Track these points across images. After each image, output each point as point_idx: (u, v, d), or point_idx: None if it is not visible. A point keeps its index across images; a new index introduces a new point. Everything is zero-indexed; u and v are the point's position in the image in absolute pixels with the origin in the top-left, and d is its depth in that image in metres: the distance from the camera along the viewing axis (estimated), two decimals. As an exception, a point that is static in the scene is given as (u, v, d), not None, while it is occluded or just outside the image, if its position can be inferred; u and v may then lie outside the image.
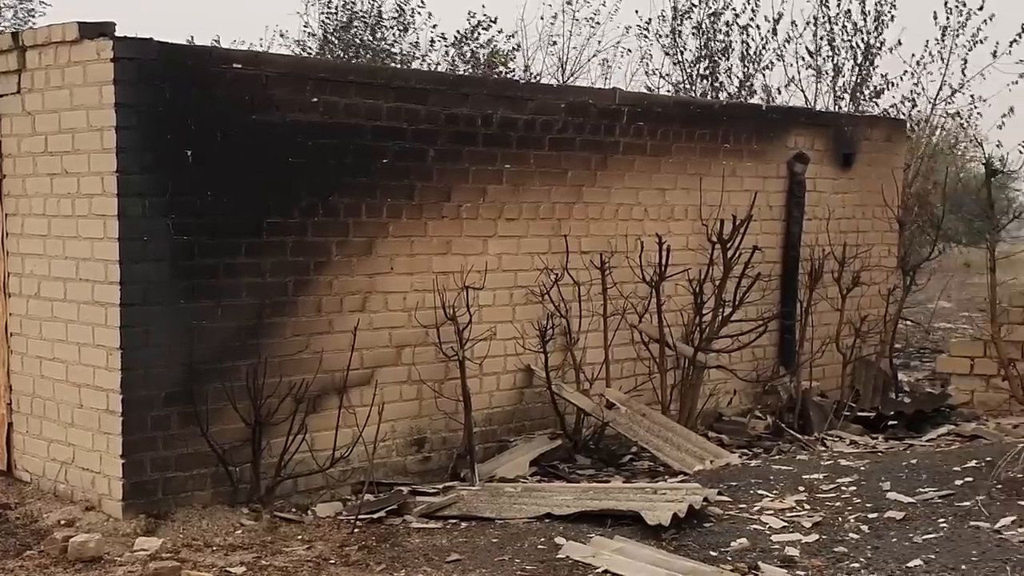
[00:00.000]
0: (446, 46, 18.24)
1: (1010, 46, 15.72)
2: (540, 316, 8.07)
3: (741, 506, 6.59)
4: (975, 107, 16.23)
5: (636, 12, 17.47)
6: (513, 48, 18.20)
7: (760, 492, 6.85)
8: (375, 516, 6.47)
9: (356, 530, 6.24)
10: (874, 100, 16.56)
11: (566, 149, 8.37)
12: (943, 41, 16.01)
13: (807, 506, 6.54)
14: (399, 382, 7.44)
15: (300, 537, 6.18)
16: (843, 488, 6.81)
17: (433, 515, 6.54)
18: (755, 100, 16.58)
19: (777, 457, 8.11)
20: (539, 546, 5.85)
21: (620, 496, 6.64)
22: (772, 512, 6.44)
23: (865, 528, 6.07)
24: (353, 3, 18.63)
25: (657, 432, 7.89)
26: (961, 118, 16.17)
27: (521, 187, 8.09)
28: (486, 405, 7.90)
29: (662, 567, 5.42)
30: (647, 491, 6.71)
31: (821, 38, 16.49)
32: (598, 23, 17.92)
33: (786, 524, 6.21)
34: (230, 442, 6.58)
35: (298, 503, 6.79)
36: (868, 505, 6.43)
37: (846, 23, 16.42)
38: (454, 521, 6.45)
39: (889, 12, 16.30)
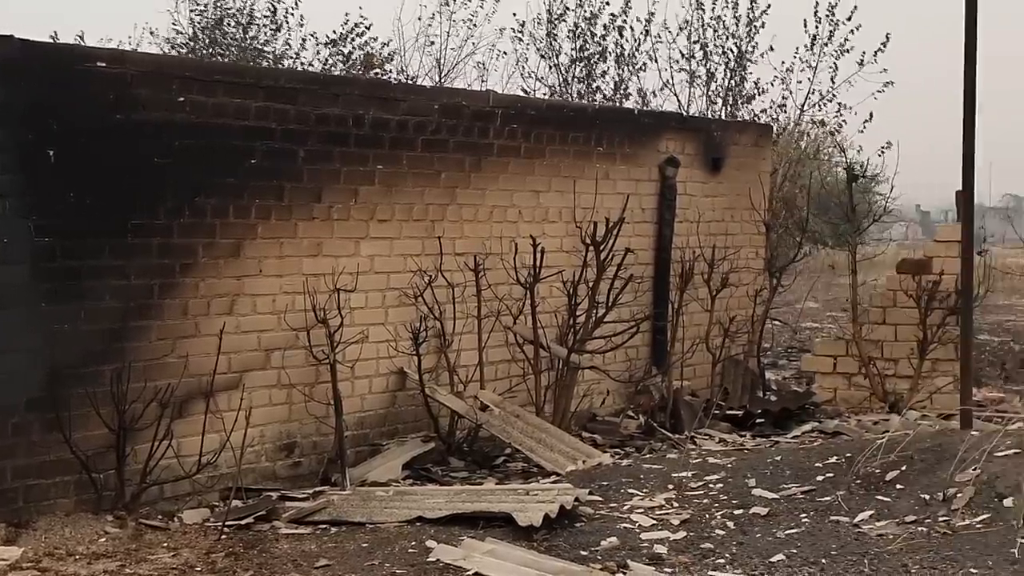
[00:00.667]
0: (318, 46, 18.07)
1: (875, 55, 16.27)
2: (413, 318, 8.04)
3: (612, 505, 6.65)
4: (841, 114, 16.74)
5: (514, 15, 17.47)
6: (389, 51, 18.10)
7: (631, 491, 6.93)
8: (243, 522, 6.35)
9: (223, 537, 6.13)
10: (746, 105, 16.97)
11: (439, 150, 8.37)
12: (812, 49, 16.48)
13: (676, 504, 6.64)
14: (268, 386, 7.32)
15: (166, 544, 6.04)
16: (711, 485, 6.93)
17: (302, 520, 6.46)
18: (630, 104, 16.84)
19: (648, 456, 8.22)
20: (410, 550, 5.82)
21: (492, 498, 6.65)
22: (642, 511, 6.52)
23: (731, 524, 6.18)
24: (224, 1, 18.34)
25: (530, 433, 7.93)
26: (826, 125, 16.65)
27: (394, 188, 8.05)
28: (358, 408, 7.83)
29: (532, 567, 5.44)
30: (519, 492, 6.74)
31: (695, 42, 16.82)
32: (475, 25, 17.97)
33: (655, 522, 6.30)
34: (94, 448, 6.39)
35: (164, 510, 6.63)
36: (734, 502, 6.56)
37: (719, 29, 16.80)
38: (324, 526, 6.37)
39: (760, 19, 16.72)
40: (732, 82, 16.95)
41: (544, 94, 17.04)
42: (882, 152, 16.00)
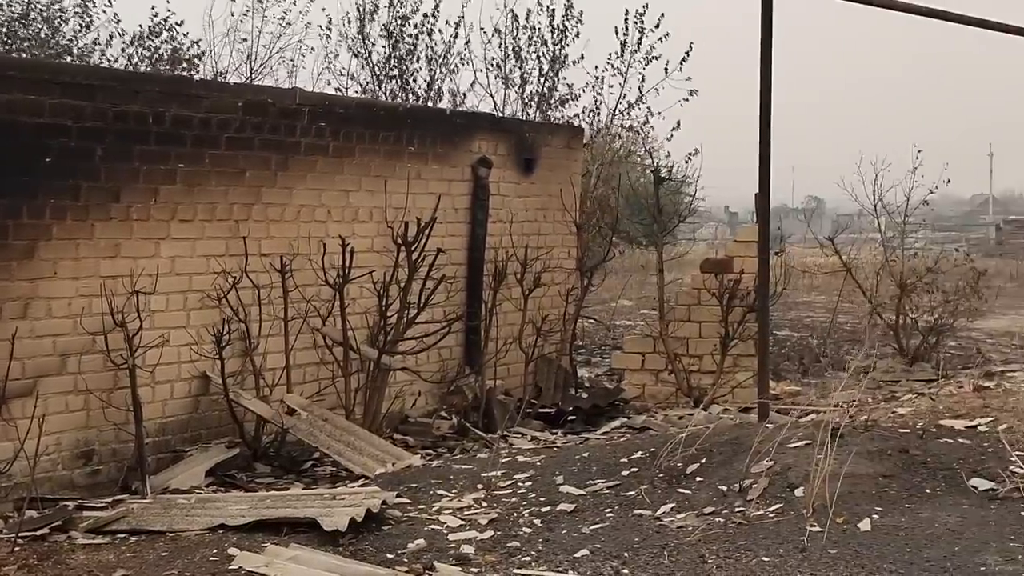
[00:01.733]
0: (124, 43, 17.47)
1: (680, 64, 16.67)
2: (217, 321, 7.84)
3: (420, 507, 6.63)
4: (648, 120, 17.11)
5: (324, 11, 17.27)
6: (199, 48, 17.64)
7: (440, 492, 6.92)
8: (38, 533, 6.09)
9: (17, 548, 5.85)
10: (559, 109, 17.19)
11: (244, 149, 8.20)
12: (623, 56, 16.80)
13: (484, 503, 6.66)
14: (64, 392, 7.04)
15: (-46, 559, 5.74)
16: (519, 484, 6.98)
17: (100, 530, 6.22)
18: (444, 104, 16.85)
19: (459, 456, 8.23)
20: (211, 558, 5.66)
21: (297, 504, 6.54)
22: (450, 511, 6.52)
23: (538, 522, 6.23)
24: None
25: (339, 437, 7.83)
26: (634, 130, 17.00)
27: (196, 187, 7.85)
28: (159, 414, 7.61)
29: (336, 572, 5.37)
30: (326, 497, 6.64)
31: (509, 46, 16.94)
32: (289, 23, 17.68)
33: (463, 523, 6.29)
34: None
35: (-47, 523, 6.31)
36: (542, 499, 6.62)
37: (533, 35, 16.97)
38: (123, 536, 6.15)
39: (575, 27, 16.97)
40: (546, 87, 17.15)
41: (356, 92, 16.90)
42: (690, 157, 16.48)
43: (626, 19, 16.70)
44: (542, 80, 17.12)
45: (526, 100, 17.14)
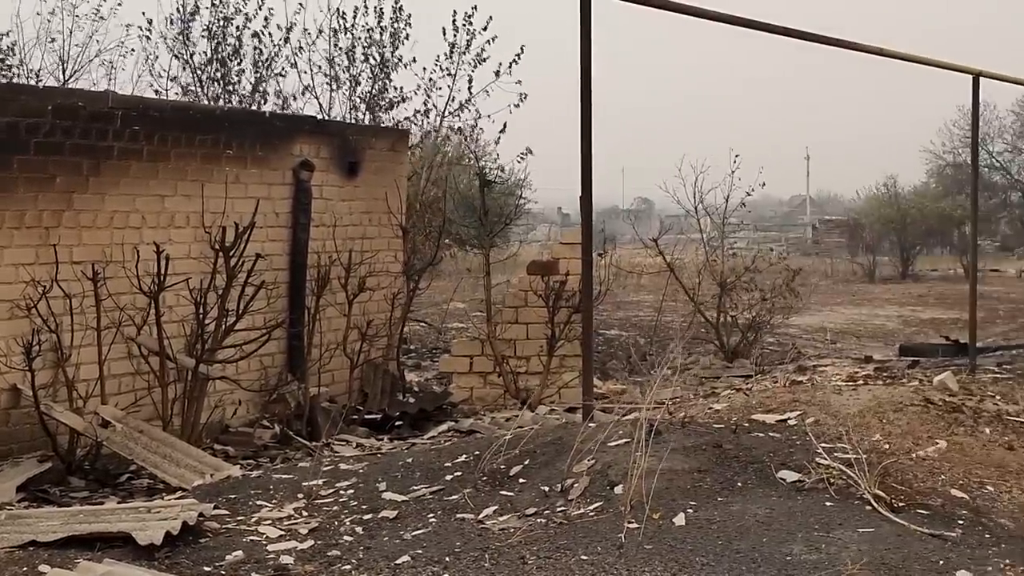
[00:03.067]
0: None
1: (510, 67, 16.75)
2: (27, 331, 7.53)
3: (240, 518, 6.47)
4: (476, 123, 17.12)
5: (143, 14, 16.71)
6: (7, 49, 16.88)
7: (260, 503, 6.78)
8: None
9: None
10: (388, 112, 17.07)
11: (54, 153, 7.91)
12: (451, 58, 16.80)
13: (305, 513, 6.55)
14: None
15: None
16: (341, 492, 6.89)
17: (-102, 554, 5.88)
18: (269, 106, 16.55)
19: (280, 466, 8.08)
20: (18, 577, 5.43)
21: (112, 518, 6.32)
22: (270, 522, 6.39)
23: (359, 529, 6.16)
24: None
25: (156, 449, 7.61)
26: (463, 133, 17.01)
27: (4, 194, 7.54)
28: (-36, 430, 7.27)
29: (150, 587, 5.21)
30: (141, 511, 6.43)
31: (337, 46, 16.77)
32: (102, 17, 17.03)
33: (283, 533, 6.18)
34: None
35: None
36: (364, 507, 6.55)
37: (362, 37, 16.83)
38: (-81, 560, 5.84)
39: (404, 29, 16.88)
40: (375, 89, 17.03)
41: (178, 95, 16.45)
42: (522, 157, 16.56)
43: (454, 20, 16.72)
44: (372, 83, 17.00)
45: (355, 103, 16.99)
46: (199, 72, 16.56)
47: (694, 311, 14.82)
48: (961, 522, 5.41)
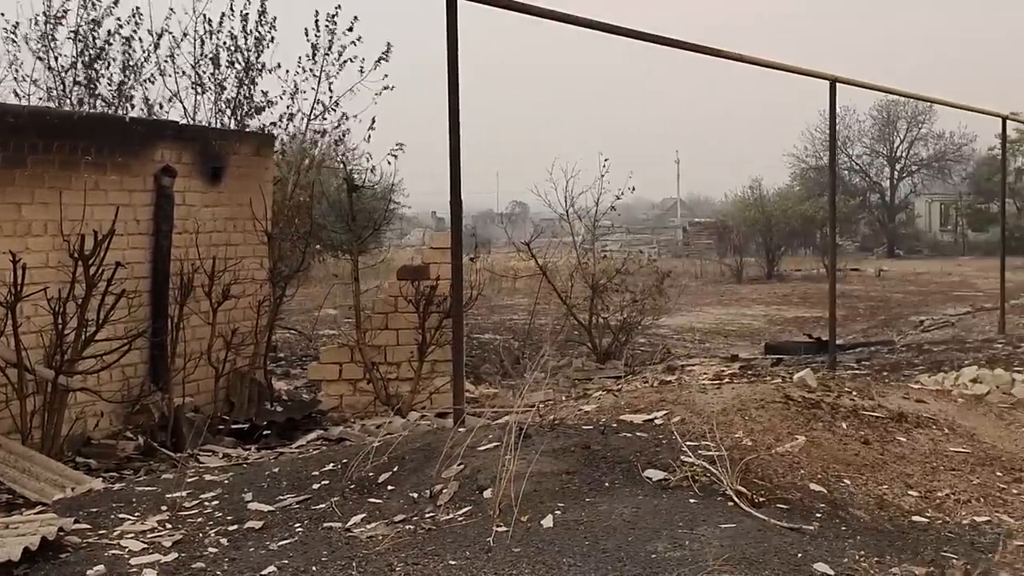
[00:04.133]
0: None
1: (376, 64, 16.59)
2: None
3: (101, 532, 6.29)
4: (340, 124, 16.96)
5: (2, 15, 16.15)
6: None
7: (122, 516, 6.60)
8: None
9: None
10: (255, 116, 16.80)
11: (-100, 160, 7.58)
12: (315, 59, 16.62)
13: (169, 525, 6.39)
14: None
15: None
16: (206, 503, 6.75)
17: None
18: (135, 112, 16.14)
19: (144, 478, 7.89)
20: None
21: (-36, 537, 6.08)
22: (133, 535, 6.22)
23: (224, 541, 6.04)
24: None
25: (13, 463, 7.35)
26: (328, 135, 16.86)
27: None
28: None
29: (4, 607, 5.03)
30: (-3, 528, 6.21)
31: (203, 52, 16.45)
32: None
33: (146, 546, 6.02)
34: None
35: None
36: (229, 518, 6.43)
37: (228, 41, 16.54)
38: None
39: (269, 34, 16.64)
40: (241, 94, 16.75)
41: (41, 99, 15.94)
42: (393, 155, 16.42)
43: (316, 21, 16.55)
44: (238, 88, 16.72)
45: (221, 108, 16.69)
46: (63, 75, 16.07)
47: (566, 314, 14.94)
48: (819, 515, 5.55)
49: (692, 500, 5.67)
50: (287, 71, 16.62)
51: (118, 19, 16.27)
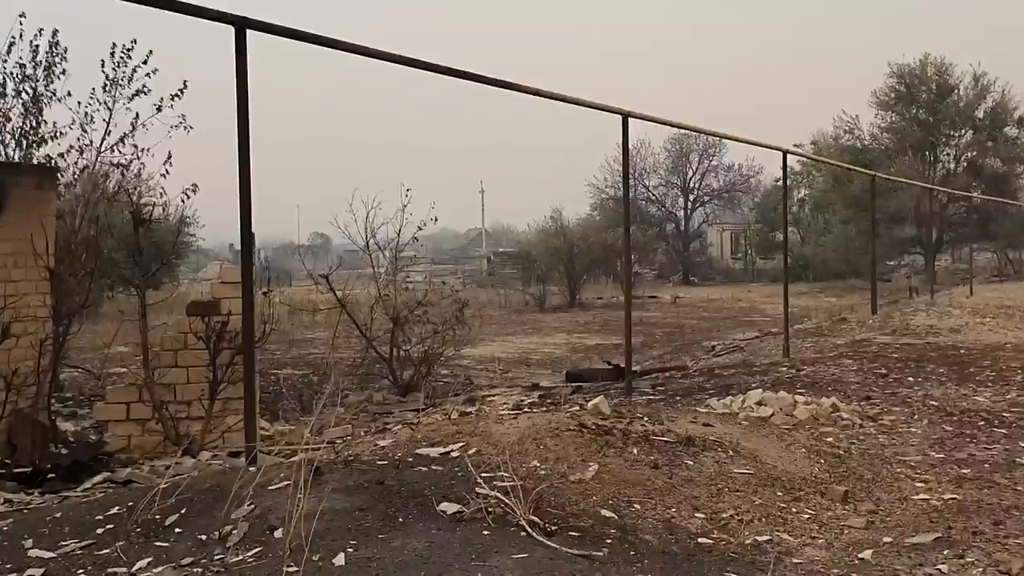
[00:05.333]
0: None
1: (172, 100, 16.16)
2: None
3: None
4: (140, 157, 16.44)
5: None
6: None
7: None
8: None
9: None
10: (41, 147, 16.12)
11: None
12: (108, 91, 16.06)
13: (-63, 579, 6.04)
14: None
15: None
16: (-20, 554, 6.40)
17: None
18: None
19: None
20: None
21: None
22: None
23: (0, 593, 5.75)
24: None
25: None
26: (122, 168, 16.32)
27: None
28: None
29: None
30: None
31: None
32: None
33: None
34: None
35: None
36: (8, 566, 6.09)
37: (15, 71, 15.88)
38: None
39: (60, 64, 16.04)
40: (28, 125, 16.06)
41: None
42: (187, 195, 15.99)
43: (112, 52, 16.03)
44: (24, 118, 16.02)
45: (5, 140, 15.95)
46: None
47: (367, 347, 14.83)
48: (609, 541, 5.65)
49: (486, 532, 5.69)
50: (79, 102, 16.03)
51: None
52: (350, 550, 5.61)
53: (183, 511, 6.49)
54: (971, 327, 18.70)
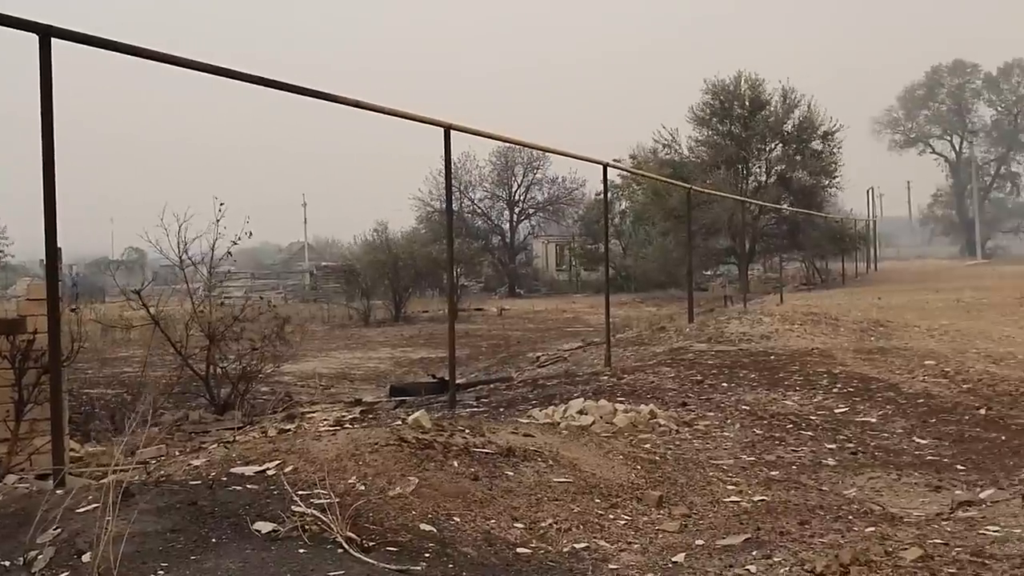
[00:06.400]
0: None
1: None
2: None
3: None
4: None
5: None
6: None
7: None
8: None
9: None
10: None
11: None
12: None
13: None
14: None
15: None
16: None
17: None
18: None
19: None
20: None
21: None
22: None
23: None
24: None
25: None
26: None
27: None
28: None
29: None
30: None
31: None
32: None
33: None
34: None
35: None
36: None
37: None
38: None
39: None
40: None
41: None
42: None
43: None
44: None
45: None
46: None
47: (182, 364, 14.44)
48: (427, 555, 5.63)
49: (302, 550, 5.60)
50: None
51: None
52: (161, 572, 5.44)
53: (-17, 538, 6.20)
54: (781, 334, 19.41)
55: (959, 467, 8.91)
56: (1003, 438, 10.14)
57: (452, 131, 12.23)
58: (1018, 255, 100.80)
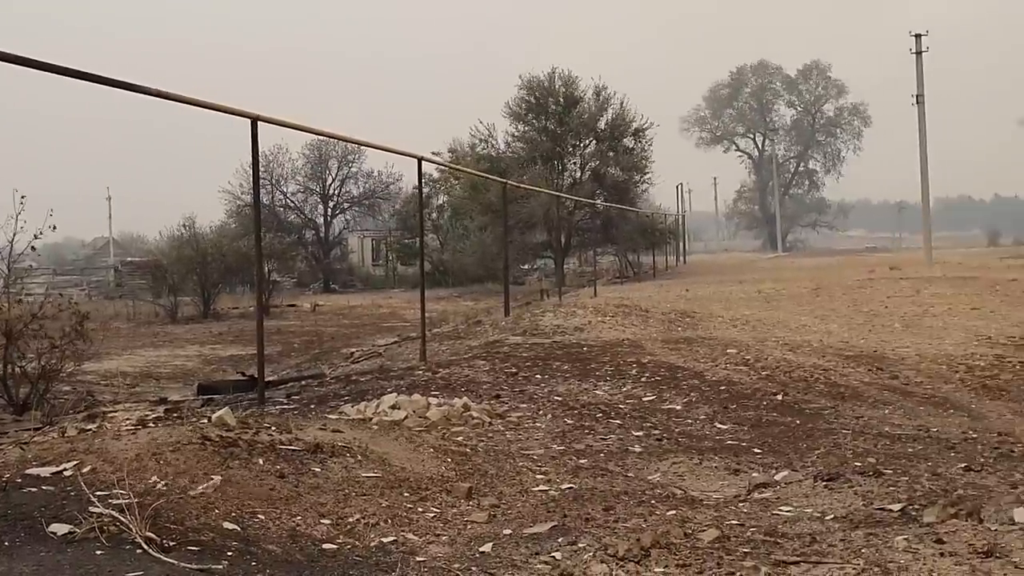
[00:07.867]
0: None
1: None
2: None
3: None
4: None
5: None
6: None
7: None
8: None
9: None
10: None
11: None
12: None
13: None
14: None
15: None
16: None
17: None
18: None
19: None
20: None
21: None
22: None
23: None
24: None
25: None
26: None
27: None
28: None
29: None
30: None
31: None
32: None
33: None
34: None
35: None
36: None
37: None
38: None
39: None
40: None
41: None
42: None
43: None
44: None
45: None
46: None
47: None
48: (230, 553, 5.53)
49: (99, 552, 5.42)
50: None
51: None
52: (-54, 581, 5.19)
53: None
54: (593, 326, 19.80)
55: (756, 450, 9.26)
56: (797, 422, 10.60)
57: (260, 122, 11.99)
58: (815, 248, 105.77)
